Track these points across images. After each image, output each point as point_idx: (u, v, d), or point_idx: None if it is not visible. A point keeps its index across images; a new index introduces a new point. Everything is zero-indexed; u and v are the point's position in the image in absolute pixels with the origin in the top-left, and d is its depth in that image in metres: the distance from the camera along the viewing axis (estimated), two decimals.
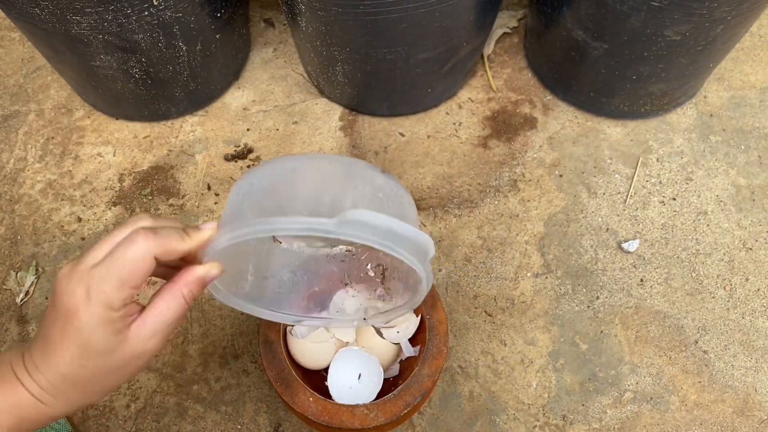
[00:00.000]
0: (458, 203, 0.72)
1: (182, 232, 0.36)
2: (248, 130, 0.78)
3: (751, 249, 0.69)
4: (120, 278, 0.33)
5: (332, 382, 0.54)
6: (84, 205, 0.72)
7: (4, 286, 0.68)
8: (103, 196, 0.73)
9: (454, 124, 0.78)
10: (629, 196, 0.72)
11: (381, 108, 0.78)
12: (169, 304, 0.37)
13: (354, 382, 0.54)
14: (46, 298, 0.66)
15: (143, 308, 0.36)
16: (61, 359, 0.35)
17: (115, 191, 0.74)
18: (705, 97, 0.80)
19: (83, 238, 0.70)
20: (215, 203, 0.72)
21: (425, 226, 0.71)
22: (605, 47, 0.67)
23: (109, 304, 0.34)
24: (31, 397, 0.35)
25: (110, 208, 0.72)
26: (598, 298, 0.66)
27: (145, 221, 0.36)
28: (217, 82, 0.79)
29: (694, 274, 0.68)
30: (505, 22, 0.85)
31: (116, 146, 0.77)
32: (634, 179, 0.74)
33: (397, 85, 0.73)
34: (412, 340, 0.56)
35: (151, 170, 0.75)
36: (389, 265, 0.53)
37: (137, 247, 0.33)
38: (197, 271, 0.37)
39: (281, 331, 0.54)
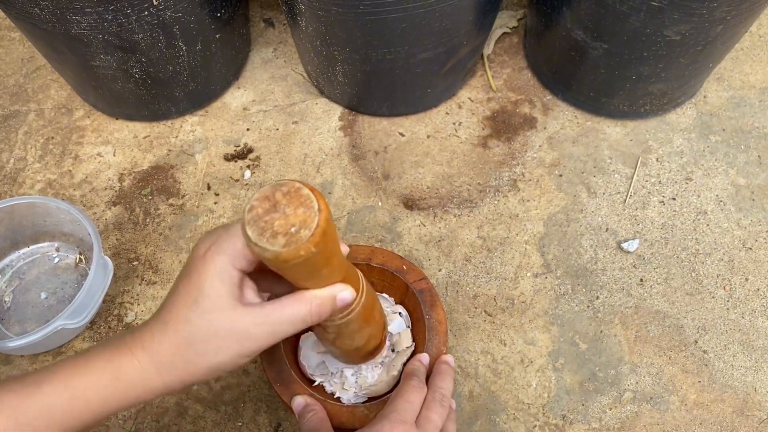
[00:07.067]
0: (458, 203, 0.72)
1: None
2: (248, 129, 0.78)
3: (750, 249, 0.69)
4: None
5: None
6: (84, 205, 0.72)
7: None
8: (102, 195, 0.73)
9: (454, 124, 0.78)
10: (629, 196, 0.72)
11: (381, 108, 0.78)
12: (293, 305, 0.35)
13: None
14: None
15: (263, 303, 0.36)
16: (173, 313, 0.34)
17: (115, 191, 0.74)
18: (705, 97, 0.80)
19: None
20: (215, 203, 0.72)
21: (425, 225, 0.71)
22: (605, 47, 0.67)
23: (233, 258, 0.34)
24: (136, 365, 0.34)
25: (110, 208, 0.72)
26: (597, 297, 0.66)
27: None
28: (217, 81, 0.79)
29: (693, 274, 0.68)
30: (505, 22, 0.85)
31: (116, 146, 0.77)
32: (634, 179, 0.74)
33: (397, 85, 0.73)
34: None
35: (151, 170, 0.75)
36: None
37: None
38: (333, 290, 0.36)
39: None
